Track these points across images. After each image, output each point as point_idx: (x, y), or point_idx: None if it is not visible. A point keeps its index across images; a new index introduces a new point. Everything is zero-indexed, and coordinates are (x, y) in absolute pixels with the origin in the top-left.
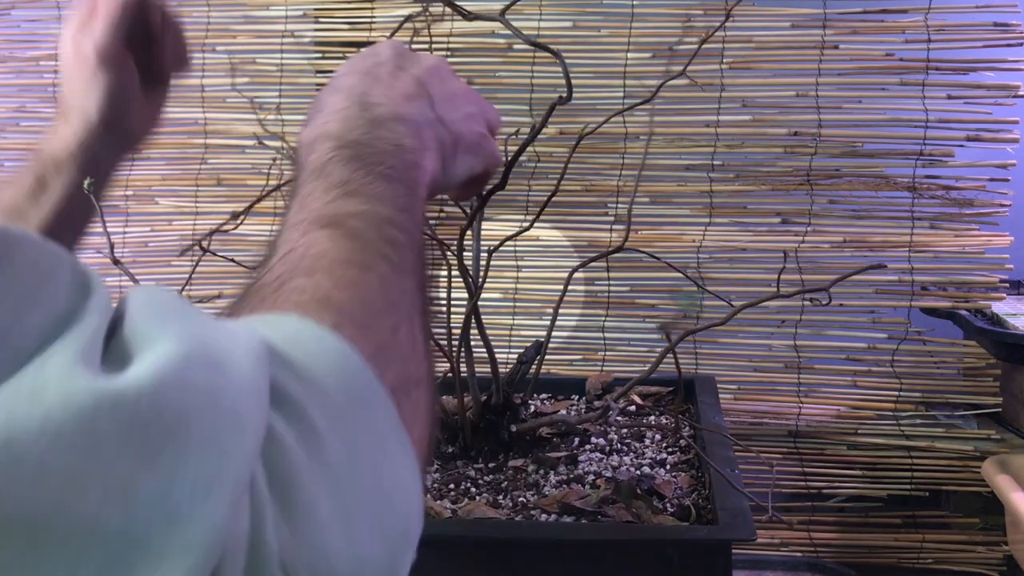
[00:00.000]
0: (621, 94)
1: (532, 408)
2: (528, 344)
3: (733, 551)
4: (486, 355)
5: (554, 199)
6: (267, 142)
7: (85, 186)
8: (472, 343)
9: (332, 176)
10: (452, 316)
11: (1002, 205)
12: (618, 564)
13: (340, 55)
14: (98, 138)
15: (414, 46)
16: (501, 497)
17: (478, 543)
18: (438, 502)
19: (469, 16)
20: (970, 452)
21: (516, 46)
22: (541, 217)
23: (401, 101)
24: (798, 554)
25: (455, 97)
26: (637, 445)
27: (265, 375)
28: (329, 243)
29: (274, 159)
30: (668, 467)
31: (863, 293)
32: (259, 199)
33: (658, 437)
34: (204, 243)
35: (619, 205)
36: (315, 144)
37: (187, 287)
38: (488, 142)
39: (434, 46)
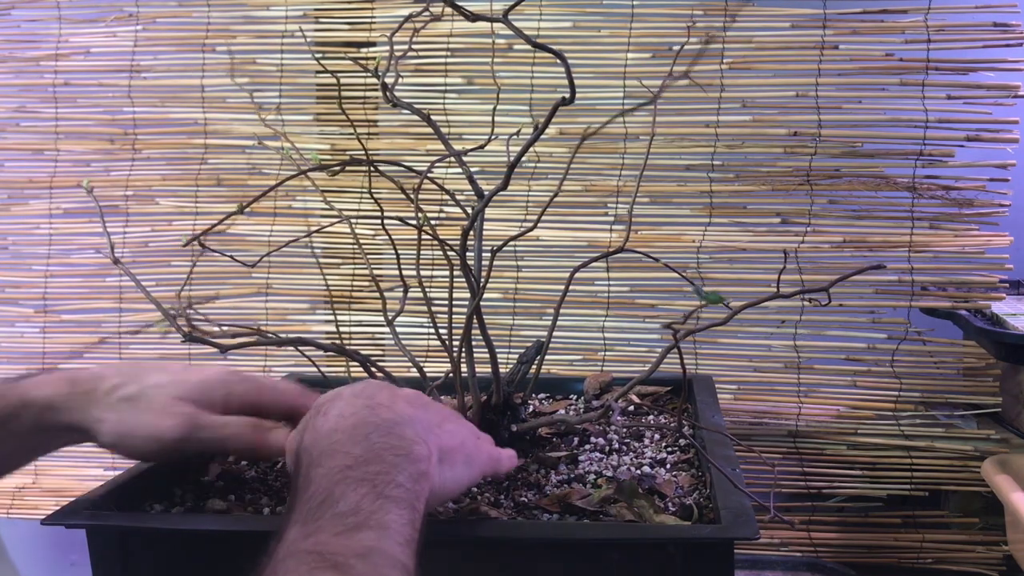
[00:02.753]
0: (621, 94)
1: (531, 408)
2: (528, 344)
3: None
4: (486, 355)
5: (555, 199)
6: (267, 142)
7: (85, 184)
8: (472, 343)
9: (341, 503)
10: (453, 316)
11: (1002, 205)
12: (620, 564)
13: (340, 55)
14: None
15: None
16: (502, 497)
17: (479, 543)
18: None
19: (471, 16)
20: (970, 452)
21: (516, 46)
22: (542, 217)
23: (404, 405)
24: (798, 554)
25: (445, 413)
26: (636, 445)
27: None
28: None
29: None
30: (668, 467)
31: (863, 293)
32: (260, 196)
33: (657, 437)
34: (202, 240)
35: (619, 205)
36: (322, 459)
37: (186, 287)
38: (484, 447)
39: (434, 46)
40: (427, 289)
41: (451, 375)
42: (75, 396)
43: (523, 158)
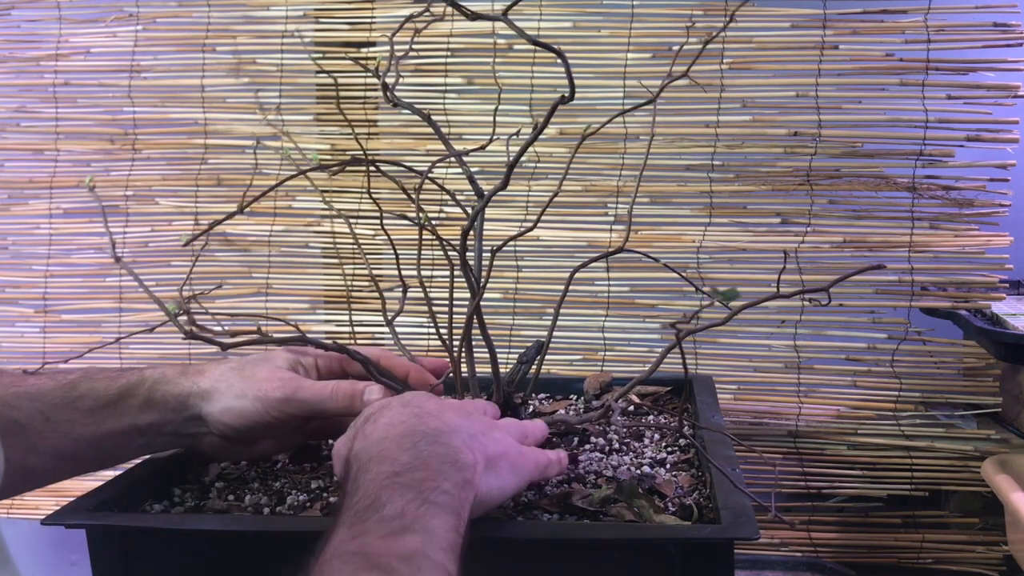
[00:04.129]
0: (621, 94)
1: (531, 408)
2: (528, 344)
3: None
4: (486, 355)
5: (554, 199)
6: (267, 142)
7: (87, 182)
8: (472, 343)
9: (387, 507)
10: (453, 315)
11: (1002, 205)
12: (620, 564)
13: (340, 55)
14: (195, 427)
15: (414, 46)
16: None
17: (479, 542)
18: None
19: (471, 16)
20: (970, 452)
21: (517, 46)
22: (542, 217)
23: (452, 414)
24: (798, 554)
25: (490, 422)
26: (636, 445)
27: None
28: None
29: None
30: (668, 467)
31: (863, 293)
32: (260, 196)
33: (657, 437)
34: (203, 239)
35: (619, 205)
36: (370, 464)
37: (186, 286)
38: (530, 454)
39: (434, 46)
40: (427, 289)
41: (451, 375)
42: (187, 371)
43: (523, 158)
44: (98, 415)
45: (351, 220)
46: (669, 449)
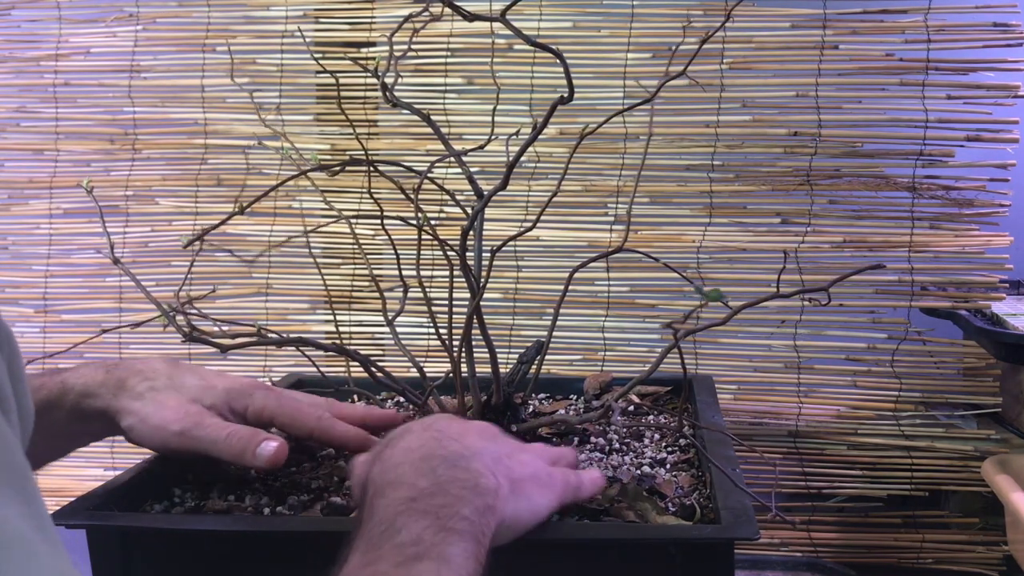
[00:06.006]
0: (621, 94)
1: (531, 408)
2: (528, 344)
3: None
4: (486, 355)
5: (554, 199)
6: (267, 142)
7: (85, 184)
8: (472, 343)
9: (402, 533)
10: (453, 316)
11: (1002, 205)
12: (621, 564)
13: (340, 55)
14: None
15: (414, 46)
16: None
17: None
18: None
19: (469, 16)
20: (970, 452)
21: (516, 46)
22: (541, 217)
23: (474, 438)
24: (798, 554)
25: (516, 444)
26: (636, 445)
27: None
28: None
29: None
30: (668, 467)
31: (863, 293)
32: (261, 197)
33: (657, 437)
34: (203, 240)
35: (619, 205)
36: (387, 489)
37: (185, 286)
38: (559, 475)
39: (434, 46)
40: (427, 289)
41: (451, 375)
42: (108, 384)
43: (523, 158)
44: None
45: (351, 220)
46: (669, 449)
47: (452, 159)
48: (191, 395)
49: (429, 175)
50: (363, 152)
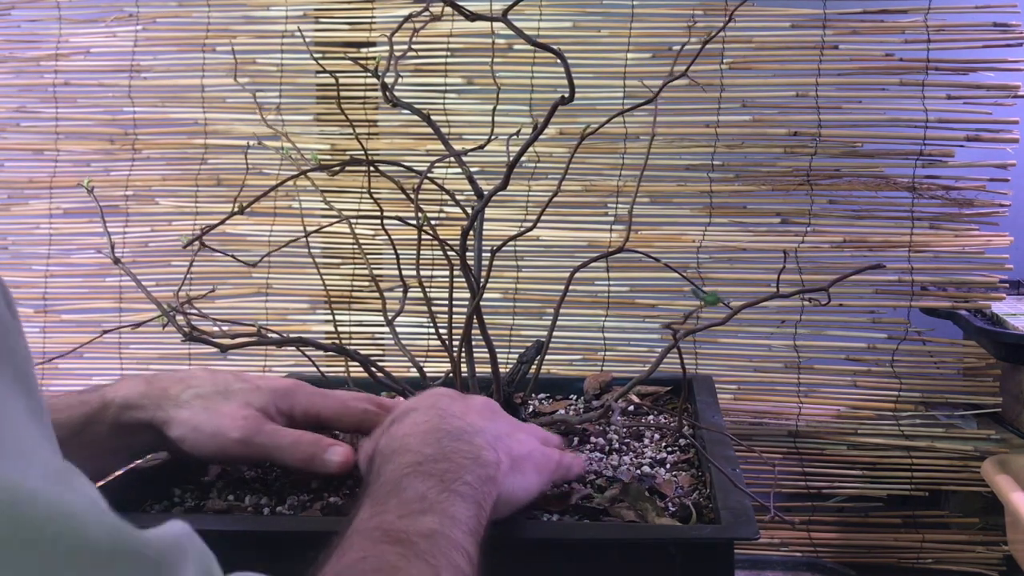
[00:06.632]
0: (621, 94)
1: (531, 408)
2: (528, 344)
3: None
4: (486, 355)
5: (555, 199)
6: (267, 142)
7: (85, 184)
8: (473, 343)
9: (408, 490)
10: (453, 315)
11: (1002, 205)
12: (620, 563)
13: (340, 55)
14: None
15: (415, 46)
16: None
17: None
18: None
19: (470, 16)
20: (970, 452)
21: (516, 46)
22: (542, 217)
23: (476, 416)
24: (798, 554)
25: (515, 423)
26: (636, 444)
27: None
28: (401, 561)
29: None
30: (668, 467)
31: (863, 293)
32: (261, 197)
33: (657, 437)
34: (203, 240)
35: (619, 205)
36: (393, 456)
37: (185, 286)
38: (553, 455)
39: (434, 46)
40: (427, 289)
41: (451, 375)
42: (151, 394)
43: (523, 158)
44: (66, 447)
45: (351, 220)
46: (669, 449)
47: (452, 159)
48: (242, 400)
49: (429, 175)
50: (363, 152)
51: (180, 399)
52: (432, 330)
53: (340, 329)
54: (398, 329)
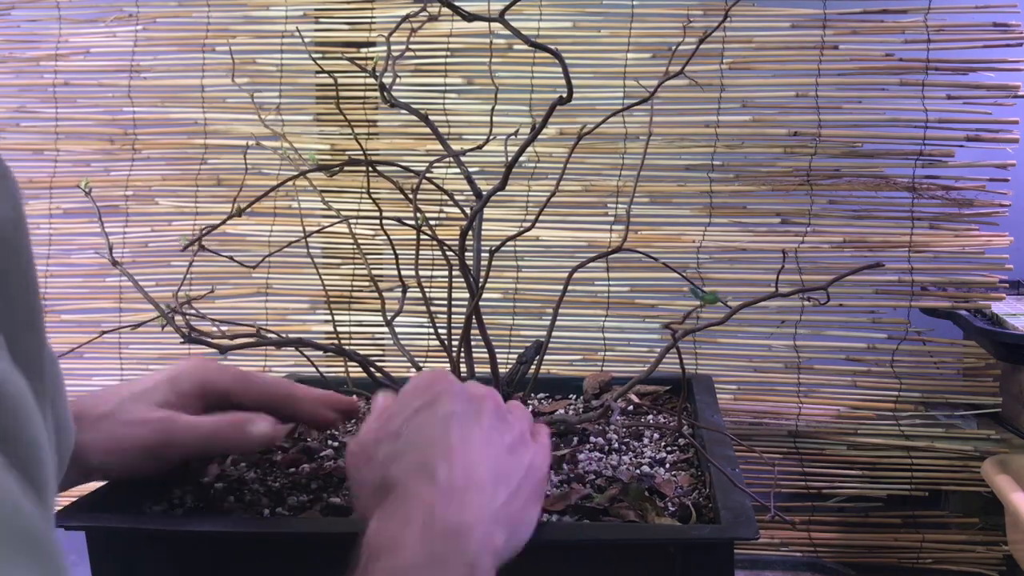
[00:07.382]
0: (621, 94)
1: (530, 408)
2: (528, 344)
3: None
4: (485, 355)
5: (554, 199)
6: (266, 142)
7: (83, 185)
8: (472, 343)
9: None
10: (452, 316)
11: (1002, 205)
12: (620, 563)
13: (339, 55)
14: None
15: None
16: None
17: None
18: None
19: (468, 17)
20: (970, 452)
21: (516, 46)
22: (541, 217)
23: (476, 463)
24: (798, 554)
25: (510, 444)
26: (636, 444)
27: None
28: None
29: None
30: (668, 466)
31: (863, 293)
32: (261, 197)
33: (656, 436)
34: (202, 241)
35: (619, 205)
36: (380, 553)
37: (185, 286)
38: (539, 473)
39: (434, 46)
40: (426, 289)
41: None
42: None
43: (523, 158)
44: None
45: (350, 220)
46: (668, 449)
47: (451, 159)
48: (146, 401)
49: (428, 175)
50: (362, 152)
51: (89, 423)
52: (431, 330)
53: (339, 329)
54: (397, 329)
